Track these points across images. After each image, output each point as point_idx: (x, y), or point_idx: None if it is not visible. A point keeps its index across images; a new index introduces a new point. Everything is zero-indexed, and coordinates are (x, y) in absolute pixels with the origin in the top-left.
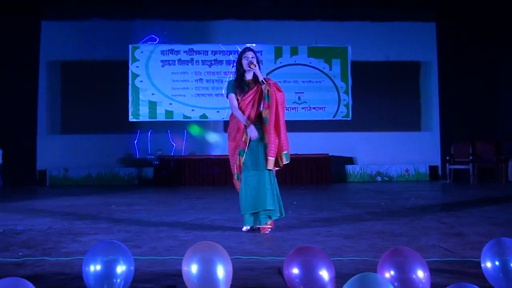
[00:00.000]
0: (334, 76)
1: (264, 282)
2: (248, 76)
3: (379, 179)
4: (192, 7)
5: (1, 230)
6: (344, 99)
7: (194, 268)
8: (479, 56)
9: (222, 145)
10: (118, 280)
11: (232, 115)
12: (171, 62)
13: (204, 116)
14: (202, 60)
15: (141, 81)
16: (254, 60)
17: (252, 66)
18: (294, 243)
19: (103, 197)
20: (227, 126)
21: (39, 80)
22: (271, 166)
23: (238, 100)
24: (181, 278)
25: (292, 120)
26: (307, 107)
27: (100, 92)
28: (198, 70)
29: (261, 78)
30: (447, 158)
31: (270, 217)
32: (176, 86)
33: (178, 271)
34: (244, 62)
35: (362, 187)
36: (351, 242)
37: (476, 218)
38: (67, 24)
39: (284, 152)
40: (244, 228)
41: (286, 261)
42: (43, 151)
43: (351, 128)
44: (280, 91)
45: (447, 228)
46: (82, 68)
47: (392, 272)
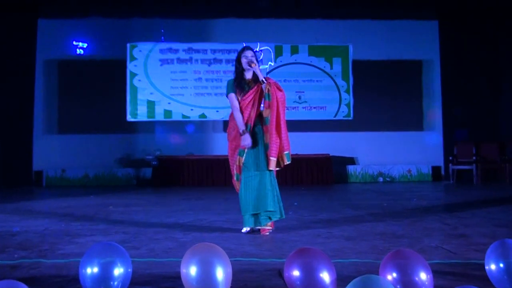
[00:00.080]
0: (335, 75)
1: (264, 284)
2: (248, 75)
3: (381, 179)
4: (191, 5)
5: None
6: (345, 99)
7: (193, 270)
8: (483, 55)
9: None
10: (116, 283)
11: (231, 115)
12: (169, 61)
13: (203, 115)
14: (201, 59)
15: (139, 80)
16: (253, 58)
17: (253, 65)
18: (295, 244)
19: (100, 198)
20: (227, 126)
21: (35, 79)
22: (273, 167)
23: (238, 99)
24: (179, 280)
25: (292, 120)
26: (307, 107)
27: (98, 91)
28: (197, 69)
29: (261, 77)
30: (450, 158)
31: (270, 218)
32: (175, 85)
33: (177, 273)
34: (244, 61)
35: (363, 187)
36: (352, 243)
37: (480, 219)
38: (64, 22)
39: (285, 152)
40: (244, 230)
41: (286, 263)
42: (40, 151)
43: (352, 128)
44: (280, 91)
45: (450, 229)
46: (79, 67)
47: (394, 275)
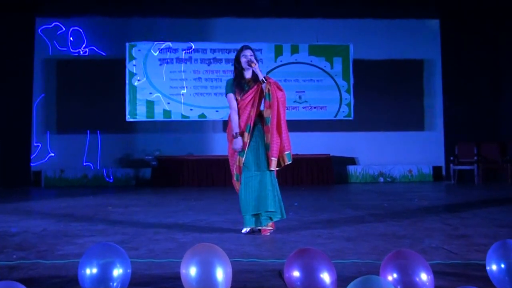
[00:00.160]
0: (336, 75)
1: (264, 285)
2: (247, 74)
3: (382, 179)
4: (191, 5)
5: None
6: (346, 98)
7: (193, 271)
8: (484, 54)
9: (222, 145)
10: (115, 284)
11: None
12: (169, 60)
13: (202, 115)
14: (200, 59)
15: (138, 80)
16: (253, 58)
17: (253, 65)
18: (295, 245)
19: (99, 198)
20: (227, 126)
21: (34, 78)
22: (274, 167)
23: (237, 99)
24: (179, 281)
25: (292, 120)
26: (308, 107)
27: (97, 91)
28: (197, 69)
29: (261, 76)
30: (451, 158)
31: (271, 218)
32: (174, 85)
33: (177, 274)
34: (243, 60)
35: (364, 188)
36: (353, 244)
37: (481, 219)
38: (63, 20)
39: (286, 153)
40: (244, 230)
41: (287, 263)
42: (38, 152)
43: (353, 128)
44: (281, 90)
45: (451, 229)
46: (78, 67)
47: (395, 275)
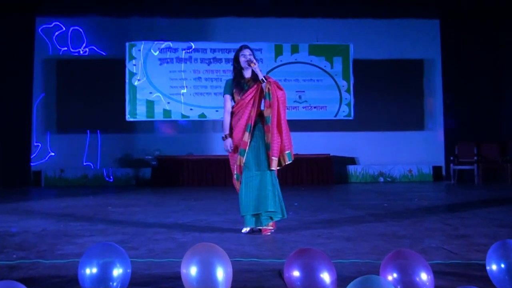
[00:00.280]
0: (336, 75)
1: (264, 284)
2: (247, 74)
3: (382, 179)
4: (191, 4)
5: None
6: (346, 98)
7: (193, 271)
8: (484, 54)
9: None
10: (115, 283)
11: (232, 114)
12: (169, 60)
13: (202, 115)
14: (200, 58)
15: (138, 79)
16: (252, 57)
17: (253, 65)
18: (295, 245)
19: (99, 198)
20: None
21: (34, 78)
22: (274, 167)
23: (237, 99)
24: (179, 281)
25: (292, 120)
26: (308, 106)
27: (97, 91)
28: (197, 69)
29: (261, 76)
30: (451, 158)
31: (272, 218)
32: (174, 85)
33: (177, 274)
34: (242, 59)
35: (364, 188)
36: (352, 244)
37: (481, 219)
38: (63, 20)
39: (286, 152)
40: (244, 230)
41: (287, 263)
42: (38, 151)
43: (353, 128)
44: (281, 89)
45: (451, 229)
46: (78, 66)
47: (394, 275)
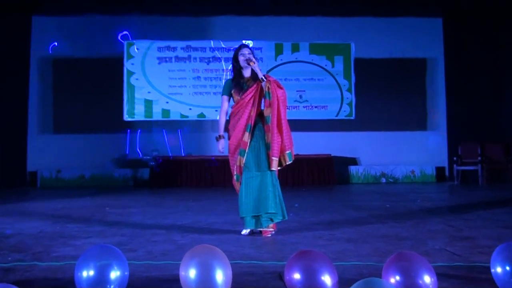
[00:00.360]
0: (337, 74)
1: (264, 287)
2: (246, 73)
3: (384, 180)
4: (190, 3)
5: None
6: (347, 98)
7: (192, 273)
8: (488, 53)
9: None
10: (112, 286)
11: (231, 114)
12: (167, 59)
13: (201, 115)
14: (200, 57)
15: (136, 79)
16: (251, 56)
17: (252, 64)
18: (295, 247)
19: (96, 199)
20: (227, 125)
21: (29, 77)
22: (275, 167)
23: (237, 99)
24: (178, 283)
25: (293, 119)
26: (308, 106)
27: (94, 90)
28: (196, 68)
29: (260, 75)
30: (455, 159)
31: (272, 220)
32: (173, 84)
33: (175, 276)
34: (241, 59)
35: (366, 188)
36: (354, 246)
37: (485, 221)
38: (59, 19)
39: (287, 152)
40: (244, 232)
41: (287, 265)
42: (34, 152)
43: (354, 128)
44: (281, 88)
45: (454, 231)
46: (74, 65)
47: (397, 278)
